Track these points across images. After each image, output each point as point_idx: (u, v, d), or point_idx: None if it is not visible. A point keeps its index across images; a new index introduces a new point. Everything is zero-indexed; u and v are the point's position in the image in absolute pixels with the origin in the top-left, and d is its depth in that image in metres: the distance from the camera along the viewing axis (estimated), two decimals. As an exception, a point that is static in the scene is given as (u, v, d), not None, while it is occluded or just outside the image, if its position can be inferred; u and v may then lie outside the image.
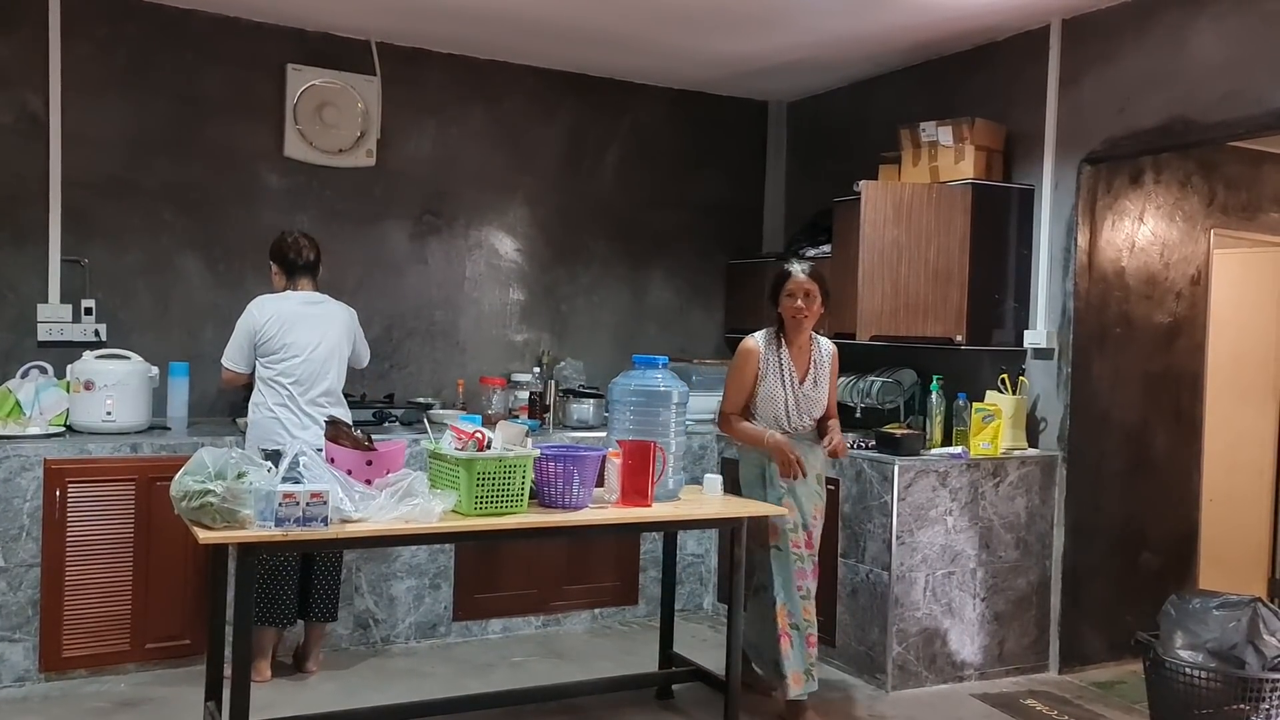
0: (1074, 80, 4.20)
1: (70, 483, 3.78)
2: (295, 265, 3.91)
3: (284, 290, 3.92)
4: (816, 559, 3.70)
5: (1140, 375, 4.44)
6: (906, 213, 4.27)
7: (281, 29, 4.66)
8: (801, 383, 3.68)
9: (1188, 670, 3.37)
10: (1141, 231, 4.44)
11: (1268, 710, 3.30)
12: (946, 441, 4.33)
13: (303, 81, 4.64)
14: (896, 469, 3.97)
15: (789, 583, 3.61)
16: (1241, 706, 3.30)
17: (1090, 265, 4.25)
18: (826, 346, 3.80)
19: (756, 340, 3.72)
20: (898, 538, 3.98)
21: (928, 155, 4.44)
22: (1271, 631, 3.34)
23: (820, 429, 3.75)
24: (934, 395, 4.38)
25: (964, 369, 4.49)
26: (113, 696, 3.72)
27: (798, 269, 3.69)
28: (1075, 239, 4.21)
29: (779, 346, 3.69)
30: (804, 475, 3.59)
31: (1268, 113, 3.55)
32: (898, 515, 3.98)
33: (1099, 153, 4.13)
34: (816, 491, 3.70)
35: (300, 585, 3.92)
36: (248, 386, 3.91)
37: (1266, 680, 3.28)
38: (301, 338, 3.81)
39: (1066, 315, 4.24)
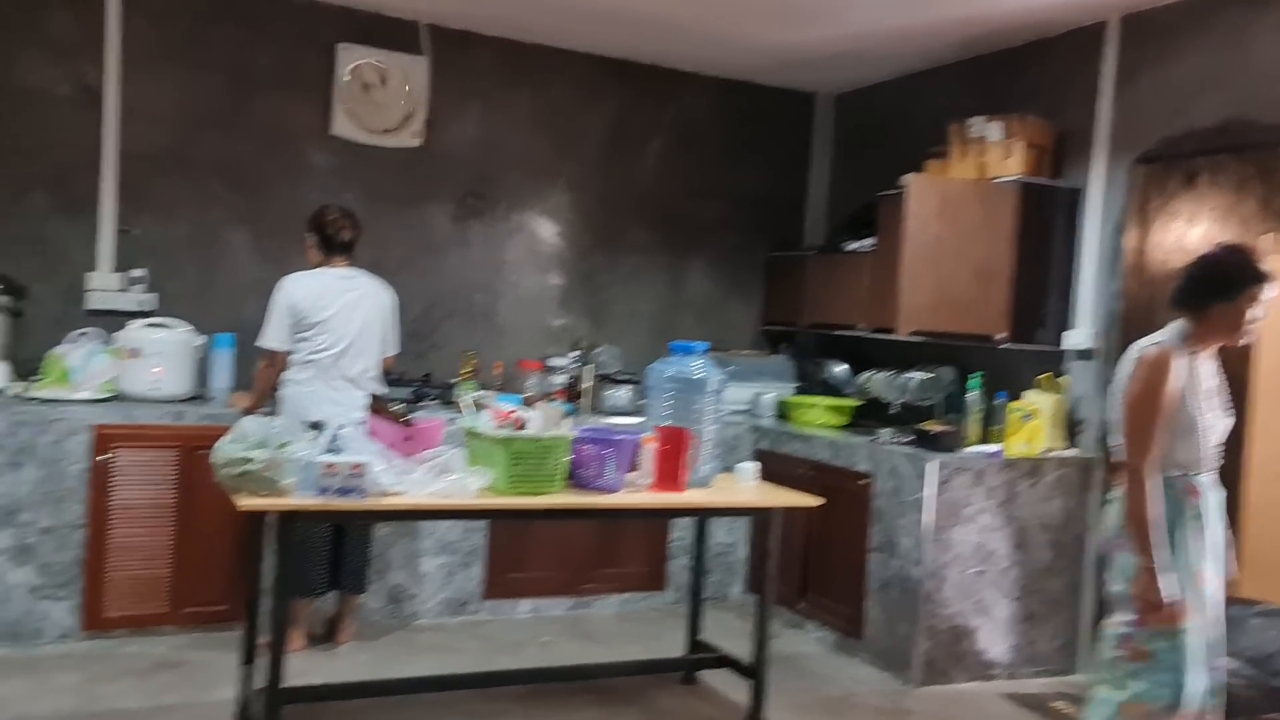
0: (1130, 78, 4.13)
1: (116, 447, 3.86)
2: (334, 243, 3.87)
3: (317, 265, 3.89)
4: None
5: (1185, 380, 4.36)
6: (952, 209, 4.23)
7: (332, 7, 4.70)
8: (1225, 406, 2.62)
9: (1223, 679, 3.32)
10: (1193, 235, 4.35)
11: (1303, 723, 3.24)
12: (984, 440, 4.30)
13: (352, 60, 4.68)
14: (932, 466, 3.94)
15: (1200, 669, 2.64)
16: (1276, 716, 3.25)
17: (1139, 267, 4.19)
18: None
19: (1165, 347, 2.60)
20: (931, 534, 3.96)
21: (975, 151, 4.39)
22: (1311, 643, 3.28)
23: None
24: (973, 393, 4.35)
25: (1003, 367, 4.44)
26: (152, 658, 3.79)
27: None
28: (1124, 240, 4.15)
29: (1191, 358, 2.61)
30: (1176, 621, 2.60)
31: (1328, 116, 3.48)
32: (932, 512, 3.95)
33: (1153, 152, 4.06)
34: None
35: (332, 558, 3.98)
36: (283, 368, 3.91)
37: (1304, 692, 3.22)
38: (338, 315, 3.80)
39: (1112, 317, 4.18)
